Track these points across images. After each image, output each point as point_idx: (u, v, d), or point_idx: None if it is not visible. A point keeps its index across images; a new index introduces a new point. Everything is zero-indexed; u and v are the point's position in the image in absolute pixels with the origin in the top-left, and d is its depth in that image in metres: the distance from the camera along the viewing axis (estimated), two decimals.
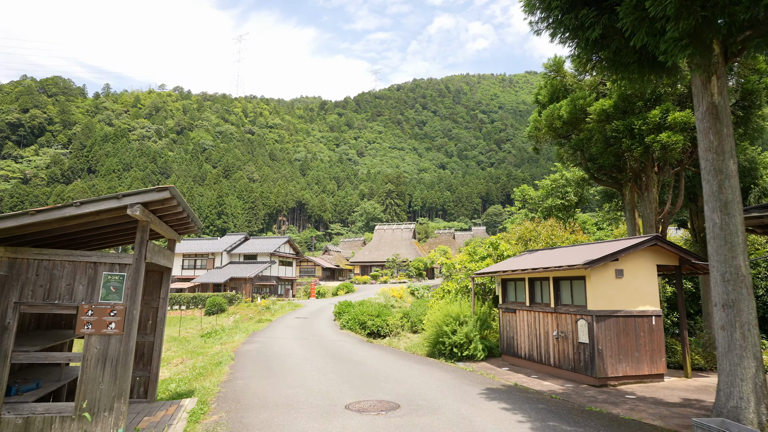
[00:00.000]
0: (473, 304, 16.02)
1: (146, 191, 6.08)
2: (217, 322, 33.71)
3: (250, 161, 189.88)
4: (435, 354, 15.51)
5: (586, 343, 11.46)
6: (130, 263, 6.46)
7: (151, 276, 8.95)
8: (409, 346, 17.92)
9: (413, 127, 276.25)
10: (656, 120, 12.86)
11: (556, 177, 24.96)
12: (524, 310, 13.99)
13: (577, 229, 22.74)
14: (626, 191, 16.27)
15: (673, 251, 12.23)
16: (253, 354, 15.85)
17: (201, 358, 15.84)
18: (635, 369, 11.54)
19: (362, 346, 18.45)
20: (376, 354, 16.02)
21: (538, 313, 13.34)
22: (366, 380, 11.14)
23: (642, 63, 8.28)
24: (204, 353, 17.19)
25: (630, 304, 11.74)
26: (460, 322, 15.37)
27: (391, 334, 22.44)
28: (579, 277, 11.93)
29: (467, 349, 14.83)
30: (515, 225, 24.57)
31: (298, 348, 17.29)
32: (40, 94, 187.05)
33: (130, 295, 6.39)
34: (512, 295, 14.93)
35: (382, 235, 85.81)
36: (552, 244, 21.27)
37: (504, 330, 15.02)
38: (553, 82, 16.51)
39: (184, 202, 6.93)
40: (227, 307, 44.61)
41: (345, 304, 29.45)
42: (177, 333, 28.05)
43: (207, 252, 59.19)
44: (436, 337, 15.50)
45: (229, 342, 19.26)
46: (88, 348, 6.19)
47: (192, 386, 10.80)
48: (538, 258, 14.93)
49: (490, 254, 21.97)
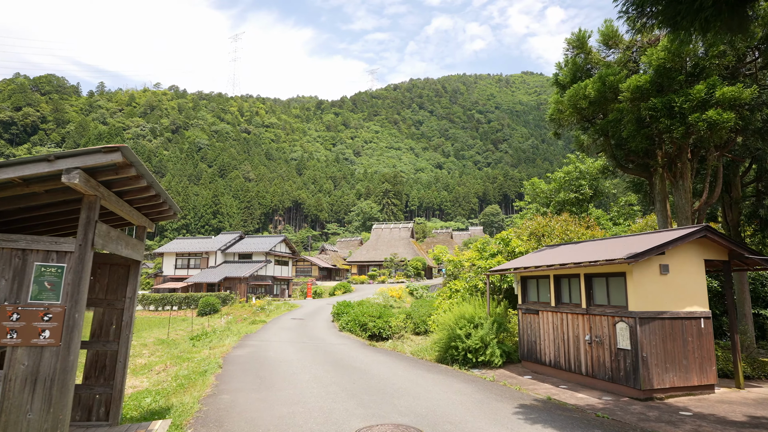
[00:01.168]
0: (488, 305, 14.44)
1: (88, 151, 4.50)
2: (209, 323, 32.04)
3: (246, 160, 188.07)
4: (447, 360, 13.94)
5: (627, 350, 9.91)
6: (72, 251, 4.88)
7: (115, 271, 7.36)
8: (416, 350, 16.36)
9: (410, 127, 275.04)
10: (701, 96, 11.34)
11: (570, 169, 23.39)
12: (549, 312, 12.44)
13: (593, 224, 21.23)
14: (657, 180, 14.73)
15: (724, 244, 10.70)
16: (244, 360, 14.22)
17: (186, 365, 14.21)
18: (683, 379, 10.01)
19: (364, 350, 16.87)
20: (380, 360, 14.44)
21: (566, 314, 11.78)
22: (375, 394, 9.54)
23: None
24: (191, 358, 15.56)
25: (676, 304, 10.21)
26: (475, 324, 13.81)
27: (393, 336, 20.90)
28: (617, 273, 10.39)
29: (483, 355, 13.27)
30: (526, 220, 23.05)
31: (294, 353, 15.68)
32: (33, 92, 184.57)
33: (72, 293, 4.80)
34: (533, 295, 13.37)
35: (380, 234, 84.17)
36: (567, 239, 19.77)
37: (524, 333, 13.45)
38: (576, 60, 14.96)
39: (147, 173, 5.36)
40: (221, 308, 42.93)
41: (344, 304, 27.88)
42: (166, 335, 26.37)
43: (201, 251, 57.46)
44: (447, 341, 13.94)
45: (218, 346, 17.61)
46: (11, 364, 4.60)
47: (170, 401, 9.18)
48: (563, 253, 13.38)
49: (500, 251, 20.44)
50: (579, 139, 16.63)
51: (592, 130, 15.03)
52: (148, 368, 14.99)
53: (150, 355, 17.94)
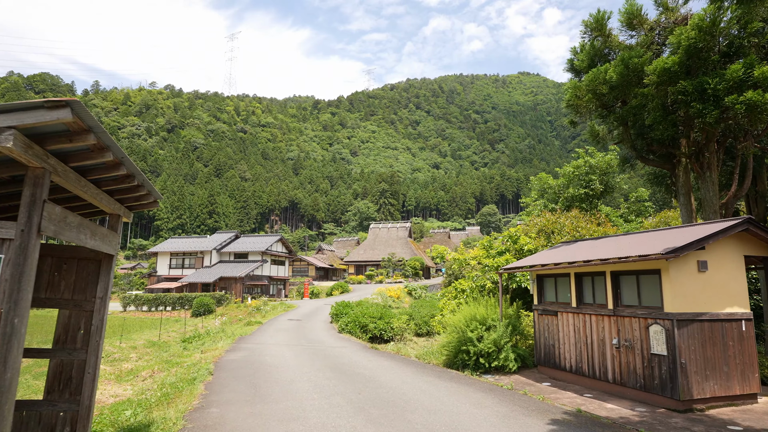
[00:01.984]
0: (500, 306, 13.41)
1: (27, 106, 3.44)
2: (203, 324, 30.92)
3: (242, 160, 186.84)
4: (456, 364, 12.92)
5: (663, 355, 8.91)
6: (12, 238, 3.83)
7: (84, 266, 6.30)
8: (421, 354, 15.35)
9: (407, 127, 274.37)
10: (737, 76, 10.36)
11: (579, 164, 22.36)
12: (569, 313, 11.43)
13: (605, 220, 20.26)
14: (680, 171, 13.74)
15: (767, 238, 9.71)
16: (237, 366, 13.14)
17: (175, 371, 13.13)
18: (725, 388, 9.01)
19: (366, 353, 15.83)
20: (385, 365, 13.40)
21: (590, 316, 10.78)
22: (385, 407, 8.47)
23: None
24: (180, 363, 14.49)
25: (715, 304, 9.21)
26: (487, 326, 12.80)
27: (395, 338, 19.91)
28: (650, 270, 9.38)
29: (496, 359, 12.25)
30: (533, 217, 22.05)
31: (292, 357, 14.62)
32: (28, 91, 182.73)
33: (11, 291, 3.75)
34: (551, 295, 12.35)
35: (377, 233, 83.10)
36: (578, 236, 18.81)
37: (541, 336, 12.43)
38: (594, 43, 13.96)
39: (115, 146, 4.33)
40: (215, 308, 41.79)
41: (343, 304, 26.84)
42: (157, 337, 25.26)
43: (196, 250, 56.27)
44: (457, 345, 12.92)
45: (210, 349, 16.51)
46: None
47: (152, 415, 8.11)
48: (582, 249, 12.38)
49: (508, 249, 19.45)
50: (593, 130, 15.64)
51: (611, 117, 14.02)
52: (134, 374, 13.91)
53: (138, 359, 16.84)
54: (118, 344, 20.86)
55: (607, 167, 21.94)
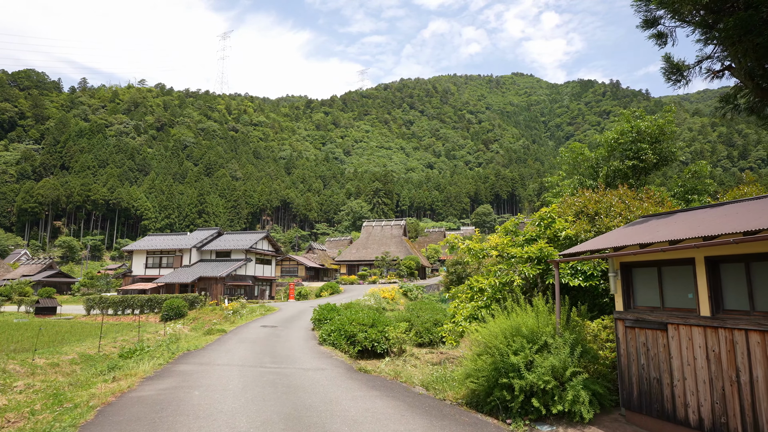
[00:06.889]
0: (557, 312, 8.66)
1: None
2: (165, 330, 26.04)
3: (233, 159, 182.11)
4: (490, 405, 8.20)
5: None
6: None
7: None
8: (430, 381, 10.63)
9: (401, 127, 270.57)
10: None
11: (624, 128, 17.61)
12: (694, 326, 6.68)
13: (665, 197, 15.63)
14: None
15: None
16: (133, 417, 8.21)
17: (45, 416, 8.30)
18: None
19: (352, 384, 11.00)
20: (379, 411, 8.56)
21: (744, 332, 6.05)
22: None
23: None
24: (72, 399, 9.67)
25: None
26: (540, 345, 8.06)
27: (391, 351, 15.24)
28: None
29: (560, 401, 7.52)
30: (567, 196, 17.35)
31: (236, 394, 9.76)
32: (12, 87, 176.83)
33: None
34: (651, 295, 7.57)
35: (371, 232, 78.28)
36: (633, 218, 14.16)
37: (631, 363, 7.67)
38: None
39: None
40: (187, 312, 36.89)
41: (328, 308, 22.07)
42: (97, 349, 20.33)
43: (174, 248, 51.21)
44: (492, 374, 8.15)
45: (127, 375, 11.52)
46: None
47: None
48: (678, 223, 7.65)
49: (539, 235, 14.71)
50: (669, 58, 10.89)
51: (711, 34, 9.30)
52: None
53: (28, 387, 11.87)
54: (30, 360, 15.96)
55: (659, 133, 17.24)
